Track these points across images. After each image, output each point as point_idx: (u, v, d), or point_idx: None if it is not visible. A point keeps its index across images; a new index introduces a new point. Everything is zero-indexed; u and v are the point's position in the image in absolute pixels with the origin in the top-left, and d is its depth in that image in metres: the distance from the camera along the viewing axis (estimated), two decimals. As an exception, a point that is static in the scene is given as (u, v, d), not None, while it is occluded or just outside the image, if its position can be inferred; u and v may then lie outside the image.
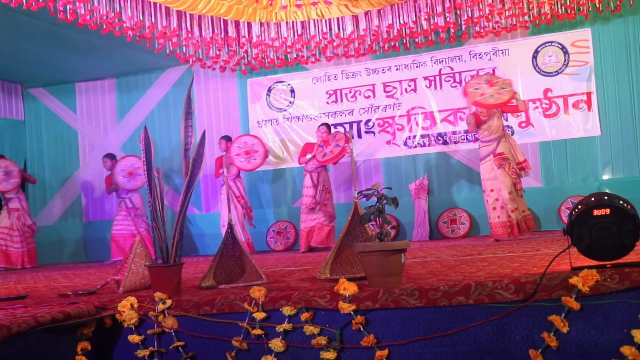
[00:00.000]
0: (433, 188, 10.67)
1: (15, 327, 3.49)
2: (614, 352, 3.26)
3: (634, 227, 3.48)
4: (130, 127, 12.40)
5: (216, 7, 8.43)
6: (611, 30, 9.98)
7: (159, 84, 12.29)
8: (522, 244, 7.01)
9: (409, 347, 3.58)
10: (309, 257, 8.12)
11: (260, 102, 11.70)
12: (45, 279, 7.48)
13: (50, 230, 12.60)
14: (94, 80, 12.61)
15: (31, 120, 12.93)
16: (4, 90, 12.48)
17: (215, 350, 3.92)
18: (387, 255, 3.79)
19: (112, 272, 6.55)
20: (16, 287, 6.31)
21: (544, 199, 10.04)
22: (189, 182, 4.29)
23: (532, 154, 10.24)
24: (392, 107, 10.99)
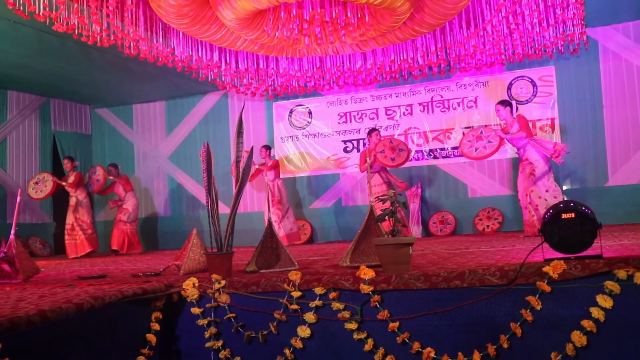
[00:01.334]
0: (425, 194, 10.68)
1: (107, 298, 3.67)
2: (576, 324, 3.35)
3: (593, 228, 3.57)
4: (177, 141, 12.45)
5: (250, 45, 8.53)
6: (571, 67, 10.00)
7: (200, 106, 12.32)
8: (501, 240, 7.03)
9: (415, 320, 3.64)
10: (325, 248, 8.15)
11: (283, 122, 11.75)
12: (113, 263, 7.61)
13: (111, 224, 12.66)
14: (148, 102, 12.67)
15: (97, 135, 12.99)
16: (75, 109, 12.57)
17: (260, 321, 3.97)
18: (398, 247, 3.87)
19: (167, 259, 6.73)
20: (93, 269, 6.42)
21: (515, 205, 9.96)
22: (239, 187, 4.43)
23: (506, 168, 10.32)
24: (392, 127, 11.02)
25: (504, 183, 10.32)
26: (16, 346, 2.95)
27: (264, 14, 7.51)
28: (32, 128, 11.49)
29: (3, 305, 3.52)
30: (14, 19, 7.40)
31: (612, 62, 9.80)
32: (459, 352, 3.53)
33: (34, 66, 9.73)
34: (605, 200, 9.41)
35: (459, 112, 10.64)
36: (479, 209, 10.26)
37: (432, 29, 8.32)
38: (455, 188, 10.64)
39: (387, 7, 6.97)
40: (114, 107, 12.88)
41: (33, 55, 9.15)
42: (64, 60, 9.51)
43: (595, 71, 9.90)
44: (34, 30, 7.94)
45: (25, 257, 5.33)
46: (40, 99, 11.67)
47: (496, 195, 10.31)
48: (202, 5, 7.25)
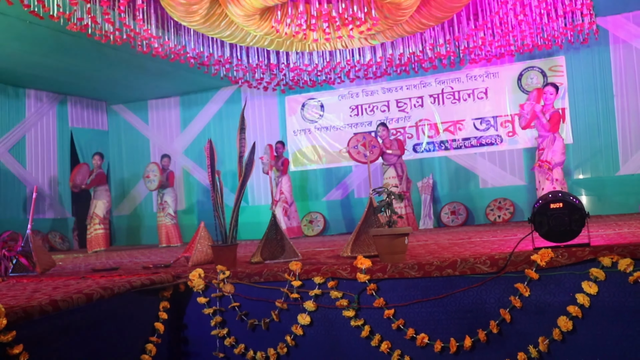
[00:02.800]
0: (436, 185, 10.81)
1: (116, 289, 3.85)
2: (562, 310, 3.43)
3: (580, 217, 3.65)
4: (191, 135, 12.64)
5: (261, 40, 8.60)
6: (581, 57, 10.02)
7: (214, 101, 12.50)
8: (505, 231, 7.05)
9: (410, 307, 3.73)
10: (335, 240, 8.27)
11: (295, 115, 11.89)
12: (128, 256, 7.80)
13: (127, 218, 12.99)
14: (162, 98, 12.87)
15: (113, 130, 13.22)
16: (92, 106, 12.82)
17: (262, 309, 4.09)
18: (394, 237, 3.96)
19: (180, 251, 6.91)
20: (108, 262, 6.61)
21: (526, 195, 10.12)
22: (242, 182, 4.58)
23: (517, 158, 10.38)
24: (403, 119, 11.13)
25: (514, 173, 10.38)
26: (30, 334, 3.14)
27: (272, 10, 7.60)
28: (50, 125, 11.74)
29: (19, 296, 3.72)
30: (30, 20, 7.60)
31: (623, 51, 9.81)
32: (451, 337, 3.64)
33: (51, 65, 9.95)
34: (617, 189, 9.46)
35: (470, 103, 10.71)
36: (491, 199, 10.33)
37: (439, 21, 8.35)
38: (466, 179, 10.72)
39: (392, 1, 7.06)
40: (130, 103, 13.09)
41: (49, 54, 9.37)
42: (79, 59, 9.72)
43: (606, 60, 9.91)
44: (50, 30, 8.15)
45: (42, 251, 5.55)
46: (57, 96, 11.92)
47: (507, 186, 10.37)
48: (212, 3, 7.36)
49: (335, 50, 9.54)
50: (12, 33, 8.37)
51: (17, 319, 3.11)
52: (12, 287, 4.38)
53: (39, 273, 5.31)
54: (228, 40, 8.60)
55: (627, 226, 5.82)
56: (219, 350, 4.22)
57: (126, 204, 13.07)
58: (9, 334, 3.03)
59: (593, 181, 9.75)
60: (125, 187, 13.12)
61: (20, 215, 10.82)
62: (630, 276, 3.35)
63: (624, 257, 3.41)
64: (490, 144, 10.53)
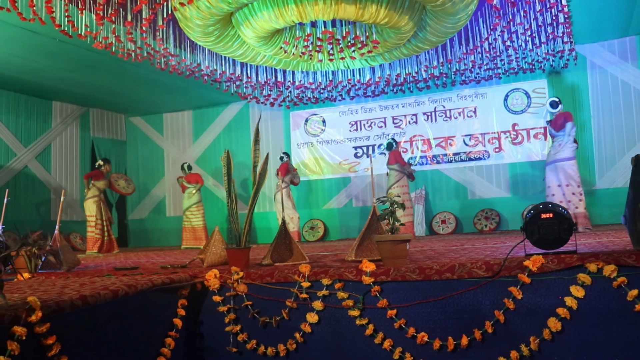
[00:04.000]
0: (428, 196, 10.79)
1: (139, 286, 3.84)
2: (552, 312, 3.42)
3: (568, 227, 3.67)
4: (202, 146, 12.65)
5: (270, 60, 8.64)
6: (562, 80, 10.07)
7: (224, 115, 12.52)
8: (494, 239, 7.06)
9: (411, 308, 3.73)
10: (335, 245, 8.24)
11: (299, 129, 11.91)
12: (145, 257, 7.77)
13: (142, 222, 12.97)
14: (177, 112, 12.89)
15: (131, 140, 13.23)
16: (112, 118, 12.82)
17: (273, 308, 4.08)
18: (396, 243, 3.97)
19: (194, 253, 6.89)
20: (127, 262, 6.58)
21: (511, 206, 10.15)
22: (256, 190, 4.58)
23: (503, 172, 10.41)
24: (399, 135, 11.14)
25: (500, 186, 10.41)
26: (61, 326, 3.13)
27: (281, 33, 7.64)
28: (73, 135, 11.75)
29: (50, 291, 3.71)
30: (60, 38, 7.61)
31: (599, 75, 9.87)
32: (449, 336, 3.63)
33: (76, 79, 9.99)
34: (593, 202, 9.46)
35: (460, 120, 10.74)
36: (478, 209, 10.34)
37: (434, 45, 8.38)
38: (456, 190, 10.73)
39: (392, 26, 7.08)
40: (146, 115, 13.10)
41: (75, 69, 9.40)
42: (102, 74, 9.75)
43: (584, 84, 9.98)
44: (77, 48, 8.18)
45: (68, 250, 5.54)
46: (80, 108, 11.93)
47: (494, 197, 10.40)
48: (225, 24, 7.39)
49: (338, 70, 9.57)
50: (42, 50, 8.40)
51: (50, 312, 3.10)
52: (42, 283, 4.37)
53: (65, 270, 5.30)
54: (239, 59, 8.61)
55: (606, 236, 5.84)
56: (232, 345, 4.19)
57: (142, 208, 13.02)
58: (44, 326, 3.02)
59: (572, 194, 9.74)
60: (142, 192, 13.07)
61: (44, 216, 10.81)
62: (614, 281, 3.36)
63: (609, 263, 3.41)
64: (479, 158, 10.55)
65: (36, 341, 3.01)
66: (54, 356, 3.07)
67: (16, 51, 8.41)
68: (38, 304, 3.03)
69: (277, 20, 6.88)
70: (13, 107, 10.55)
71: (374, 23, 6.98)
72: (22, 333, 2.89)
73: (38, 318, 3.00)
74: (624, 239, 4.93)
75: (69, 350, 3.14)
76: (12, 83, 10.01)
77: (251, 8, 6.86)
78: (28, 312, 2.99)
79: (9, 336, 2.86)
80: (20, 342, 2.86)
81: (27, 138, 10.75)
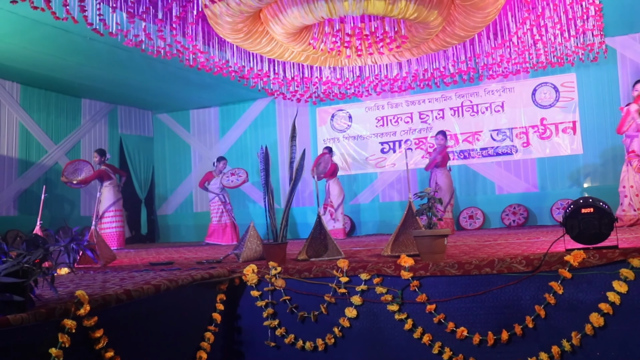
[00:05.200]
0: (456, 191, 10.74)
1: (180, 281, 3.90)
2: (594, 307, 3.43)
3: (609, 222, 3.65)
4: (229, 142, 12.68)
5: (297, 56, 8.66)
6: (591, 74, 9.97)
7: (250, 111, 12.54)
8: (525, 234, 7.04)
9: (450, 303, 3.75)
10: (365, 240, 8.29)
11: (325, 125, 11.91)
12: (176, 252, 7.82)
13: (170, 218, 13.07)
14: (203, 108, 12.94)
15: (158, 137, 13.31)
16: (139, 115, 12.95)
17: (312, 302, 4.12)
18: (435, 238, 3.99)
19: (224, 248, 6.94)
20: (159, 257, 6.63)
21: (539, 201, 10.09)
22: (293, 185, 4.62)
23: (530, 167, 10.34)
24: (426, 130, 11.10)
25: (528, 181, 10.34)
26: (108, 319, 3.21)
27: (309, 29, 7.65)
28: (102, 131, 11.89)
29: (92, 285, 3.79)
30: (90, 36, 7.70)
31: (630, 68, 9.75)
32: (489, 331, 3.65)
33: (105, 77, 10.11)
34: (624, 197, 9.37)
35: (487, 115, 10.69)
36: (506, 205, 10.30)
37: (462, 40, 8.36)
38: (483, 185, 10.68)
39: (421, 21, 7.07)
40: (173, 112, 13.18)
41: (105, 67, 9.51)
42: (130, 71, 9.86)
43: (614, 77, 9.87)
44: (107, 46, 8.26)
45: (104, 246, 5.63)
46: (109, 106, 12.07)
47: (522, 192, 10.33)
48: (254, 21, 7.43)
49: (365, 66, 9.57)
50: (73, 48, 8.51)
51: (97, 306, 3.18)
52: (82, 278, 4.45)
53: (101, 265, 5.39)
54: (268, 56, 8.64)
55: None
56: (271, 340, 4.24)
57: (169, 204, 13.13)
58: (92, 319, 3.09)
59: (602, 189, 9.63)
60: (169, 188, 13.18)
61: (74, 211, 10.97)
62: (658, 277, 3.35)
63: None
64: (506, 153, 10.49)
65: (84, 334, 3.08)
66: (101, 349, 3.14)
67: (47, 49, 8.53)
68: (86, 298, 3.10)
69: (307, 16, 6.90)
70: (44, 105, 10.70)
71: (403, 18, 6.98)
72: (72, 326, 2.96)
73: (86, 312, 3.08)
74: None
75: (114, 343, 3.21)
76: (43, 81, 10.16)
77: (280, 4, 6.89)
78: (77, 306, 3.06)
79: (60, 329, 2.93)
80: (70, 335, 2.93)
81: (57, 135, 10.91)
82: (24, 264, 2.84)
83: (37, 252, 2.96)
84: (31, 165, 10.37)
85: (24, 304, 2.82)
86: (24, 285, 2.84)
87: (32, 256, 2.91)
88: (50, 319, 2.89)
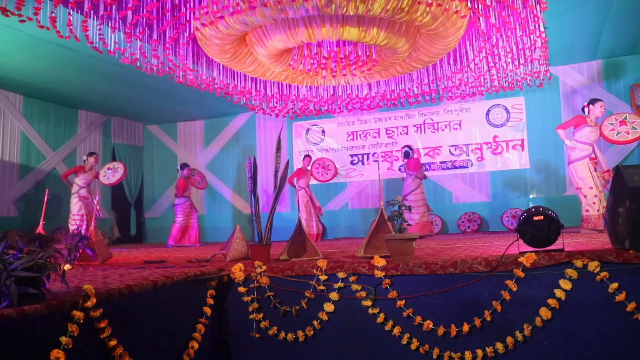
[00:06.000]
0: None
1: (175, 277, 3.91)
2: (543, 302, 3.55)
3: (557, 228, 3.77)
4: (213, 152, 12.63)
5: (277, 76, 8.69)
6: (537, 98, 10.21)
7: (232, 124, 12.51)
8: (481, 239, 7.15)
9: (418, 299, 3.82)
10: (336, 243, 8.31)
11: (301, 139, 11.94)
12: (165, 252, 7.77)
13: (157, 220, 12.94)
14: (190, 121, 12.89)
15: (147, 147, 13.21)
16: (131, 125, 12.83)
17: (294, 298, 4.16)
18: (404, 242, 4.05)
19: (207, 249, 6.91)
20: (151, 256, 6.53)
21: (491, 210, 10.28)
22: (277, 192, 4.66)
23: (484, 179, 10.53)
24: (391, 144, 11.21)
25: (482, 192, 10.52)
26: (111, 311, 3.21)
27: (290, 51, 7.71)
28: (96, 141, 11.75)
29: (94, 280, 3.78)
30: (90, 54, 7.65)
31: (570, 94, 10.02)
32: (452, 324, 3.73)
33: (101, 91, 10.01)
34: (564, 207, 9.56)
35: (446, 132, 10.85)
36: (462, 212, 10.46)
37: (425, 65, 8.46)
38: (442, 195, 10.81)
39: (390, 47, 7.17)
40: (162, 124, 13.10)
41: (101, 82, 9.43)
42: (125, 86, 9.79)
43: (557, 101, 10.13)
44: (104, 62, 8.22)
45: (102, 244, 5.58)
46: (103, 117, 11.94)
47: (476, 202, 10.50)
48: (240, 44, 7.44)
49: (338, 85, 9.64)
50: (73, 64, 8.44)
51: (102, 299, 3.18)
52: (84, 273, 4.42)
53: (100, 262, 5.35)
54: (251, 75, 8.66)
55: (582, 237, 5.96)
56: (256, 331, 4.27)
57: (157, 208, 13.02)
58: (98, 311, 3.10)
59: (545, 200, 9.90)
60: (157, 193, 13.08)
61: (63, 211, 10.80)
62: (598, 275, 3.49)
63: (593, 260, 3.54)
64: (463, 167, 10.67)
65: (91, 324, 3.09)
66: (105, 338, 3.15)
67: (49, 65, 8.45)
68: (93, 291, 3.11)
69: (288, 41, 6.96)
70: (44, 115, 10.55)
71: (374, 44, 7.08)
72: (80, 317, 2.97)
73: (93, 304, 3.08)
74: (606, 239, 5.04)
75: (117, 333, 3.21)
76: (44, 93, 10.04)
77: (265, 29, 6.93)
78: (84, 299, 3.06)
79: (69, 319, 2.94)
80: (78, 325, 2.94)
81: (55, 143, 10.76)
82: (38, 259, 2.85)
83: (51, 249, 2.96)
84: (31, 170, 10.21)
85: (37, 296, 2.82)
86: (38, 279, 2.84)
87: (45, 253, 2.92)
88: (60, 310, 2.90)
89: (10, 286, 2.66)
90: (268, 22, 6.68)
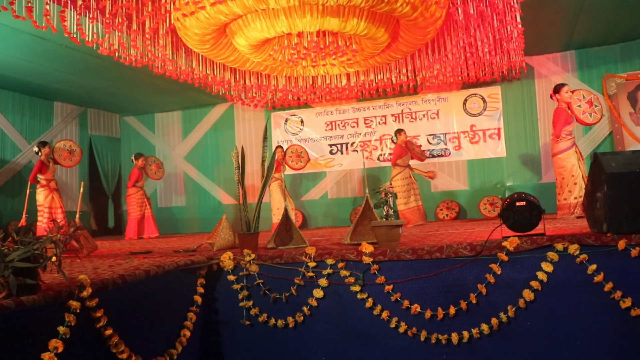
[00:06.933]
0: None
1: (166, 267, 3.95)
2: (526, 285, 3.68)
3: (538, 213, 3.92)
4: (191, 144, 12.54)
5: (257, 66, 8.72)
6: (513, 88, 10.35)
7: (211, 115, 12.44)
8: (462, 225, 7.30)
9: (405, 284, 3.92)
10: (318, 232, 8.38)
11: (280, 129, 11.94)
12: (148, 243, 7.79)
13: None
14: (167, 112, 12.76)
15: (124, 138, 13.04)
16: (108, 117, 12.65)
17: (283, 285, 4.22)
18: (391, 228, 4.15)
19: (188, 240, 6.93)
20: (135, 247, 6.56)
21: (468, 198, 10.45)
22: (264, 181, 4.71)
23: (462, 168, 10.70)
24: (370, 134, 11.28)
25: (459, 180, 10.68)
26: (106, 301, 3.25)
27: (270, 42, 7.73)
28: (73, 133, 11.57)
29: (85, 271, 3.79)
30: (65, 44, 7.56)
31: (545, 84, 10.18)
32: (438, 307, 3.84)
33: (77, 82, 9.86)
34: (539, 194, 9.77)
35: (424, 122, 10.95)
36: (440, 201, 10.61)
37: (404, 55, 8.58)
38: (421, 184, 10.81)
39: (370, 37, 7.26)
40: (139, 115, 12.96)
41: (77, 73, 9.29)
42: (101, 77, 9.66)
43: (532, 91, 10.29)
44: (81, 53, 8.11)
45: (88, 236, 5.58)
46: (79, 108, 11.76)
47: (454, 190, 10.67)
48: (220, 34, 7.45)
49: (317, 76, 9.69)
50: (48, 55, 8.30)
51: (97, 289, 3.22)
52: (72, 265, 4.43)
53: (85, 254, 5.35)
54: (230, 65, 8.66)
55: (559, 222, 6.13)
56: (246, 319, 4.33)
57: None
58: (94, 300, 3.14)
59: (521, 187, 10.08)
60: (134, 186, 12.89)
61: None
62: (577, 258, 3.64)
63: (573, 243, 3.68)
64: (440, 155, 10.80)
65: (87, 314, 3.12)
66: (101, 327, 3.19)
67: (24, 55, 8.29)
68: (88, 282, 3.14)
69: (268, 31, 6.98)
70: (18, 107, 10.37)
71: (355, 34, 7.15)
72: (77, 306, 3.01)
73: (89, 294, 3.11)
74: (584, 224, 5.19)
75: (112, 322, 3.25)
76: (18, 85, 9.84)
77: (245, 19, 6.94)
78: (79, 289, 3.10)
79: (66, 309, 2.97)
80: (75, 315, 2.97)
81: (31, 135, 10.58)
82: (35, 251, 2.87)
83: (46, 240, 2.98)
84: (6, 163, 10.04)
85: (34, 287, 2.85)
86: (35, 270, 2.87)
87: (41, 244, 2.94)
88: (57, 300, 2.93)
89: (9, 277, 2.68)
90: (249, 12, 6.70)
